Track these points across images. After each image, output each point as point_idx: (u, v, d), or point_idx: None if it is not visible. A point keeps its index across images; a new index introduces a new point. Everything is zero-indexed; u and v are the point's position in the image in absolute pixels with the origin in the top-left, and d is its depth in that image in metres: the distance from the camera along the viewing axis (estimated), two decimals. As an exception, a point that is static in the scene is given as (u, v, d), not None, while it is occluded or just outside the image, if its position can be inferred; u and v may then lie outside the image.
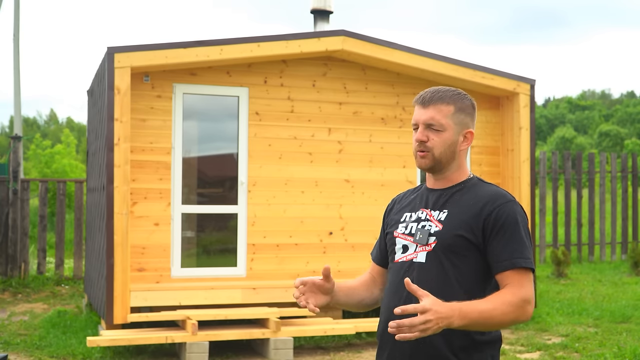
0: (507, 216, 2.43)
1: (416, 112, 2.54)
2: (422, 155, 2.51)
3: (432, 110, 2.49)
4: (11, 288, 10.82)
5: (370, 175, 8.54)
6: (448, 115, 2.49)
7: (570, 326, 8.44)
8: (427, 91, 2.55)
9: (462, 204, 2.49)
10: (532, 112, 8.85)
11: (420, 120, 2.52)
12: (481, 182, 2.57)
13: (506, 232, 2.42)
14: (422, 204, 2.58)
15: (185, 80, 8.00)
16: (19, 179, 11.31)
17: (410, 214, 2.58)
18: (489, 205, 2.45)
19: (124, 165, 7.30)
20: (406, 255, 2.52)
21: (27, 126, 47.39)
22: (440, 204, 2.52)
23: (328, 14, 9.34)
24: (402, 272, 2.50)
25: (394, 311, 2.20)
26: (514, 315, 2.34)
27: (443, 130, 2.49)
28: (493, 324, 2.33)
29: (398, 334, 2.16)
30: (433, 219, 2.50)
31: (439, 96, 2.50)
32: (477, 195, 2.50)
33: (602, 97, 69.13)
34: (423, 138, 2.50)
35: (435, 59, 8.46)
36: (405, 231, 2.55)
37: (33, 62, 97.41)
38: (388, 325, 2.22)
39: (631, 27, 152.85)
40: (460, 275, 2.43)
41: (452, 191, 2.54)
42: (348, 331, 7.44)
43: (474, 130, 2.59)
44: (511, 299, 2.35)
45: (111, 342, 6.78)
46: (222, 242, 8.33)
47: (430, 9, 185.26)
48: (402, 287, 2.38)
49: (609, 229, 14.77)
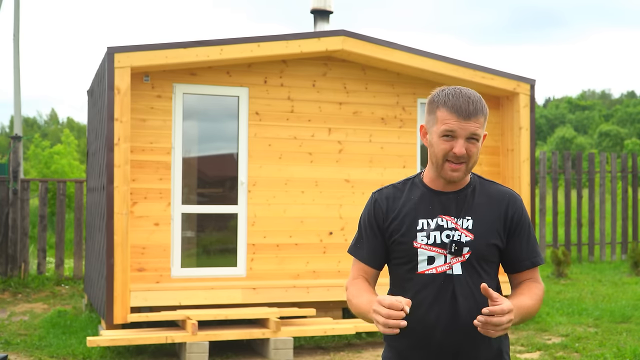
0: (521, 215, 2.55)
1: (452, 122, 2.41)
2: (456, 168, 2.44)
3: (474, 123, 2.43)
4: (11, 288, 10.82)
5: (370, 175, 8.54)
6: (482, 126, 2.48)
7: (570, 326, 8.44)
8: (462, 99, 2.44)
9: (482, 209, 2.51)
10: (532, 112, 8.85)
11: (462, 134, 2.42)
12: (482, 179, 2.60)
13: (522, 231, 2.54)
14: (438, 209, 2.49)
15: (185, 80, 8.00)
16: (19, 179, 11.31)
17: (426, 220, 2.48)
18: (511, 207, 2.53)
19: (124, 165, 7.30)
20: (436, 267, 2.45)
21: (27, 126, 47.39)
22: (461, 211, 2.49)
23: (328, 14, 9.34)
24: (438, 284, 2.45)
25: (482, 311, 2.26)
26: (539, 307, 2.52)
27: (479, 141, 2.47)
28: (530, 318, 2.50)
29: (482, 329, 2.27)
30: (460, 228, 2.47)
31: (479, 108, 2.44)
32: (491, 196, 2.55)
33: (602, 97, 69.13)
34: (464, 152, 2.42)
35: (435, 59, 8.46)
36: (428, 241, 2.46)
37: (33, 62, 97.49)
38: (443, 332, 2.42)
39: (629, 27, 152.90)
40: (492, 280, 2.53)
41: (465, 194, 2.52)
42: (348, 331, 7.44)
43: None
44: (539, 293, 2.53)
45: (111, 342, 6.78)
46: (222, 242, 8.33)
47: (429, 8, 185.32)
48: (441, 300, 2.44)
49: (609, 229, 14.77)
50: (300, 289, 7.99)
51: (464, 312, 2.43)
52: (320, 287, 8.03)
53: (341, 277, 8.29)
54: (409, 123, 8.73)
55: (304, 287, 8.01)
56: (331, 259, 8.35)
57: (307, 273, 8.28)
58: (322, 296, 8.00)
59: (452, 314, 2.43)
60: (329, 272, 8.31)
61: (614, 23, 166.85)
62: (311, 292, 7.98)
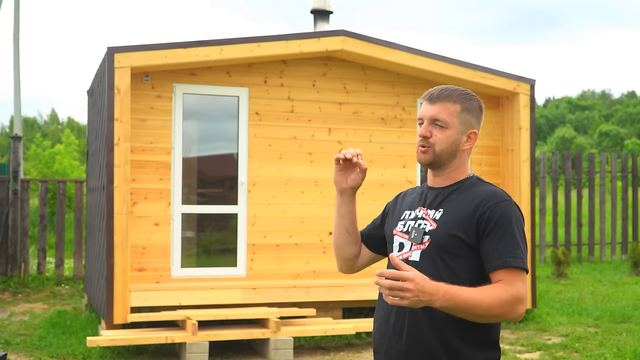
0: (500, 215, 2.43)
1: (422, 108, 2.58)
2: (423, 151, 2.54)
3: (439, 107, 2.53)
4: (11, 288, 10.81)
5: (370, 175, 8.47)
6: (454, 114, 2.52)
7: (570, 326, 8.44)
8: (436, 88, 2.59)
9: (458, 203, 2.50)
10: (532, 112, 8.85)
11: (425, 116, 2.55)
12: (479, 181, 2.58)
13: (499, 231, 2.42)
14: (421, 202, 2.60)
15: (185, 80, 8.00)
16: (19, 179, 11.31)
17: (410, 212, 2.61)
18: (483, 204, 2.46)
19: (124, 165, 7.30)
20: (402, 254, 2.54)
21: (28, 126, 47.39)
22: (437, 203, 2.55)
23: (328, 14, 9.34)
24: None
25: (375, 272, 2.25)
26: (500, 311, 2.35)
27: (447, 128, 2.52)
28: (477, 314, 2.33)
29: (386, 294, 2.22)
30: (428, 218, 2.53)
31: (447, 94, 2.54)
32: (473, 194, 2.51)
33: (602, 97, 69.12)
34: (426, 134, 2.53)
35: (435, 59, 8.46)
36: (402, 229, 2.58)
37: (33, 62, 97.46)
38: (383, 319, 2.46)
39: (629, 27, 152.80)
40: (454, 275, 2.43)
41: (449, 190, 2.56)
42: (348, 331, 7.44)
43: (479, 132, 2.60)
44: (501, 293, 2.35)
45: (111, 342, 6.78)
46: (222, 242, 8.33)
47: (428, 9, 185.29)
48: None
49: (609, 229, 14.77)
50: (300, 289, 7.99)
51: None
52: (320, 287, 8.03)
53: (341, 277, 8.28)
54: (409, 123, 8.73)
55: (304, 287, 8.01)
56: (331, 259, 8.34)
57: (307, 273, 8.28)
58: (322, 296, 8.00)
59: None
60: (329, 272, 8.31)
61: (613, 23, 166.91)
62: (311, 292, 7.98)
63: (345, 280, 8.16)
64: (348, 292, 8.04)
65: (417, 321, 2.44)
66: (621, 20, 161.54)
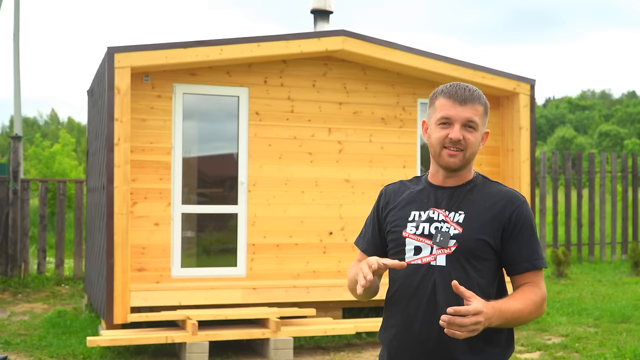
0: (524, 218, 2.47)
1: (449, 108, 2.45)
2: (454, 154, 2.45)
3: (470, 109, 2.45)
4: (11, 288, 10.82)
5: (370, 175, 8.55)
6: (481, 116, 2.48)
7: (570, 326, 8.44)
8: (459, 87, 2.49)
9: (478, 205, 2.47)
10: (532, 112, 8.85)
11: (457, 118, 2.44)
12: (487, 180, 2.57)
13: (524, 234, 2.46)
14: (432, 202, 2.51)
15: (185, 80, 8.00)
16: (19, 179, 11.31)
17: (419, 212, 2.50)
18: (508, 207, 2.46)
19: (124, 165, 7.30)
20: (421, 258, 2.45)
21: (27, 126, 47.38)
22: (455, 205, 2.48)
23: (328, 14, 9.34)
24: (420, 275, 2.45)
25: (447, 310, 2.22)
26: (536, 314, 2.44)
27: (477, 130, 2.47)
28: (520, 322, 2.41)
29: (447, 328, 2.21)
30: (450, 221, 2.45)
31: (476, 95, 2.48)
32: (492, 195, 2.49)
33: (602, 97, 69.13)
34: (460, 137, 2.44)
35: (435, 59, 8.46)
36: (416, 232, 2.47)
37: (33, 62, 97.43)
38: (409, 327, 2.41)
39: (629, 27, 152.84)
40: (482, 278, 2.44)
41: (463, 190, 2.51)
42: (348, 331, 7.44)
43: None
44: (535, 298, 2.43)
45: (111, 342, 6.78)
46: (222, 242, 8.33)
47: (427, 9, 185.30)
48: (423, 290, 2.43)
49: (609, 229, 14.77)
50: (300, 289, 7.99)
51: (442, 304, 2.39)
52: (320, 287, 8.03)
53: (341, 277, 8.29)
54: (409, 123, 8.73)
55: (304, 287, 8.01)
56: (331, 259, 8.35)
57: (307, 273, 8.28)
58: (322, 296, 8.00)
59: (431, 305, 2.41)
60: (329, 272, 8.31)
61: (613, 23, 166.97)
62: (311, 292, 7.98)
63: (345, 280, 8.15)
64: (348, 292, 8.01)
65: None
66: (621, 20, 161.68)
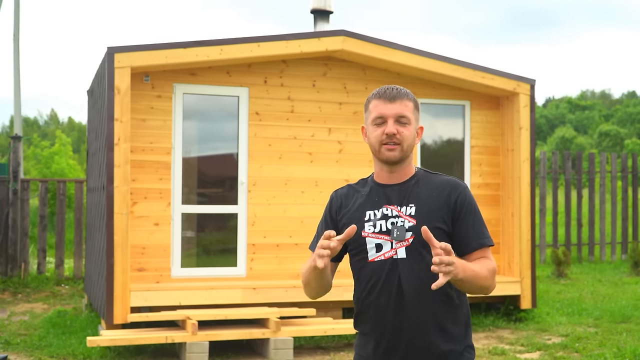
0: (468, 202, 2.63)
1: (381, 107, 2.61)
2: (392, 148, 2.60)
3: (400, 104, 2.61)
4: (11, 288, 10.82)
5: (370, 175, 8.53)
6: (411, 111, 2.64)
7: (570, 326, 8.44)
8: (387, 87, 2.65)
9: (426, 196, 2.61)
10: (532, 112, 8.84)
11: (389, 114, 2.60)
12: (428, 172, 2.71)
13: (470, 216, 2.62)
14: (383, 200, 2.63)
15: (185, 80, 8.00)
16: (19, 179, 11.31)
17: (373, 211, 2.63)
18: (453, 193, 2.61)
19: (124, 165, 7.30)
20: (383, 254, 2.58)
21: (28, 126, 47.38)
22: (404, 199, 2.61)
23: (328, 14, 9.34)
24: (386, 270, 2.57)
25: (421, 229, 2.36)
26: (489, 282, 2.54)
27: (409, 124, 2.63)
28: (476, 285, 2.49)
29: (438, 270, 2.30)
30: (403, 215, 2.58)
31: (403, 92, 2.64)
32: (435, 185, 2.64)
33: (602, 97, 69.13)
34: (394, 131, 2.59)
35: (435, 59, 8.46)
36: (374, 230, 2.60)
37: (33, 62, 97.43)
38: (393, 306, 2.54)
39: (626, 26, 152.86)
40: None
41: (409, 184, 2.65)
42: (348, 331, 7.44)
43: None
44: (488, 266, 2.55)
45: (111, 342, 6.78)
46: (222, 242, 8.33)
47: (426, 9, 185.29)
48: (390, 283, 2.56)
49: (609, 229, 14.77)
50: (300, 289, 7.97)
51: (408, 293, 2.54)
52: (320, 287, 8.02)
53: (341, 277, 8.25)
54: (409, 123, 8.72)
55: (304, 287, 7.99)
56: (331, 259, 8.34)
57: (307, 273, 8.27)
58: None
59: (398, 295, 2.55)
60: (329, 272, 8.30)
61: (613, 23, 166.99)
62: (311, 292, 7.97)
63: (345, 280, 8.13)
64: (348, 292, 8.01)
65: (415, 312, 2.56)
66: (621, 20, 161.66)
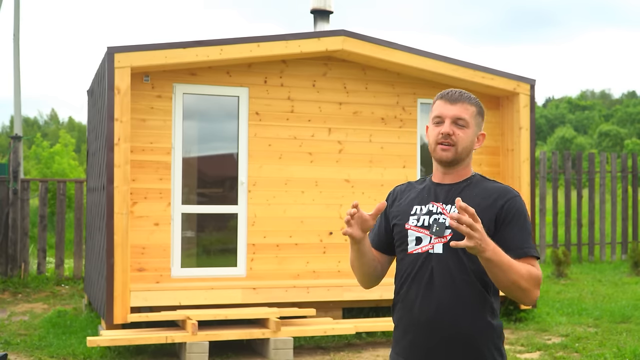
0: (516, 210, 2.62)
1: (441, 107, 2.68)
2: (446, 149, 2.66)
3: (460, 107, 2.67)
4: (11, 288, 10.82)
5: (370, 175, 8.55)
6: (472, 115, 2.69)
7: (570, 326, 8.45)
8: (452, 90, 2.72)
9: (473, 198, 2.64)
10: (532, 112, 8.85)
11: (447, 115, 2.66)
12: (485, 178, 2.75)
13: (516, 223, 2.60)
14: (432, 197, 2.70)
15: (185, 80, 8.00)
16: (19, 179, 11.31)
17: (420, 206, 2.70)
18: (501, 199, 2.63)
19: (124, 165, 7.30)
20: (421, 247, 2.64)
21: (28, 126, 47.39)
22: (451, 198, 2.67)
23: (328, 14, 9.33)
24: (420, 263, 2.63)
25: (455, 201, 2.38)
26: (528, 285, 2.49)
27: (467, 127, 2.68)
28: (510, 279, 2.45)
29: (456, 226, 2.31)
30: (446, 213, 2.63)
31: (466, 96, 2.70)
32: (486, 189, 2.68)
33: (602, 97, 69.12)
34: (450, 131, 2.65)
35: (435, 59, 8.46)
36: (417, 223, 2.67)
37: (33, 62, 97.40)
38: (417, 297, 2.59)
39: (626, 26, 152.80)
40: (474, 264, 2.57)
41: (460, 186, 2.70)
42: (348, 331, 7.44)
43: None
44: (532, 270, 2.52)
45: (111, 342, 6.78)
46: (222, 242, 8.33)
47: (426, 9, 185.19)
48: (422, 276, 2.60)
49: (609, 229, 14.77)
50: (300, 289, 7.99)
51: (438, 287, 2.58)
52: (320, 287, 8.03)
53: (341, 277, 8.29)
54: (409, 123, 8.73)
55: (304, 287, 8.01)
56: (331, 259, 8.35)
57: (307, 273, 8.28)
58: (322, 296, 8.00)
59: (429, 289, 2.59)
60: (329, 272, 8.31)
61: (613, 23, 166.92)
62: (311, 292, 7.98)
63: (345, 280, 8.17)
64: (348, 292, 8.04)
65: (443, 306, 2.57)
66: (621, 20, 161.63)
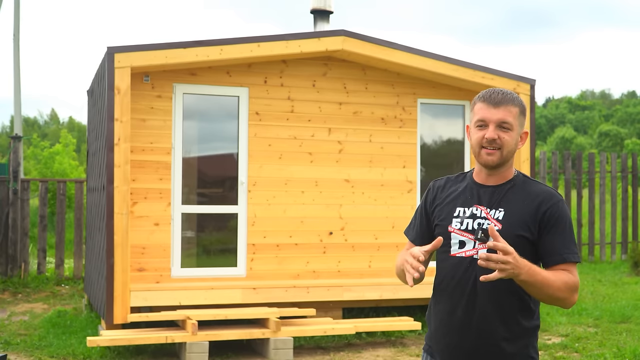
0: (559, 215, 2.64)
1: (484, 110, 2.66)
2: (491, 152, 2.65)
3: (504, 110, 2.65)
4: (11, 288, 10.82)
5: (370, 175, 8.55)
6: (515, 116, 2.67)
7: (570, 326, 8.45)
8: (494, 91, 2.68)
9: (517, 203, 2.65)
10: (532, 112, 8.84)
11: (491, 119, 2.64)
12: (527, 179, 2.74)
13: (558, 228, 2.62)
14: (475, 199, 2.70)
15: (185, 80, 8.00)
16: (19, 179, 11.31)
17: (463, 209, 2.70)
18: (544, 204, 2.64)
19: (124, 165, 7.30)
20: (464, 251, 2.65)
21: (28, 126, 47.39)
22: (495, 202, 2.67)
23: (328, 14, 9.33)
24: (463, 268, 2.64)
25: (478, 254, 2.40)
26: (564, 295, 2.55)
27: (512, 130, 2.66)
28: (546, 293, 2.52)
29: (486, 265, 2.36)
30: (491, 218, 2.64)
31: (509, 98, 2.66)
32: (530, 193, 2.67)
33: (602, 97, 69.12)
34: (495, 136, 2.63)
35: (435, 59, 8.46)
36: (461, 227, 2.67)
37: (33, 62, 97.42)
38: (453, 313, 2.62)
39: (626, 26, 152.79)
40: None
41: (504, 189, 2.70)
42: (348, 331, 7.44)
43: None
44: (566, 279, 2.56)
45: (111, 342, 6.78)
46: (222, 242, 8.33)
47: (426, 9, 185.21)
48: (466, 282, 2.62)
49: (609, 229, 14.77)
50: (300, 289, 7.99)
51: (481, 294, 2.60)
52: (320, 287, 8.03)
53: (341, 277, 8.29)
54: (409, 123, 8.73)
55: (304, 287, 8.01)
56: (331, 259, 8.35)
57: (307, 273, 8.28)
58: (322, 296, 8.00)
59: (472, 295, 2.62)
60: (329, 272, 8.31)
61: (612, 23, 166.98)
62: (311, 292, 7.98)
63: (345, 280, 8.17)
64: (348, 292, 8.04)
65: (486, 314, 2.61)
66: (620, 20, 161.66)
